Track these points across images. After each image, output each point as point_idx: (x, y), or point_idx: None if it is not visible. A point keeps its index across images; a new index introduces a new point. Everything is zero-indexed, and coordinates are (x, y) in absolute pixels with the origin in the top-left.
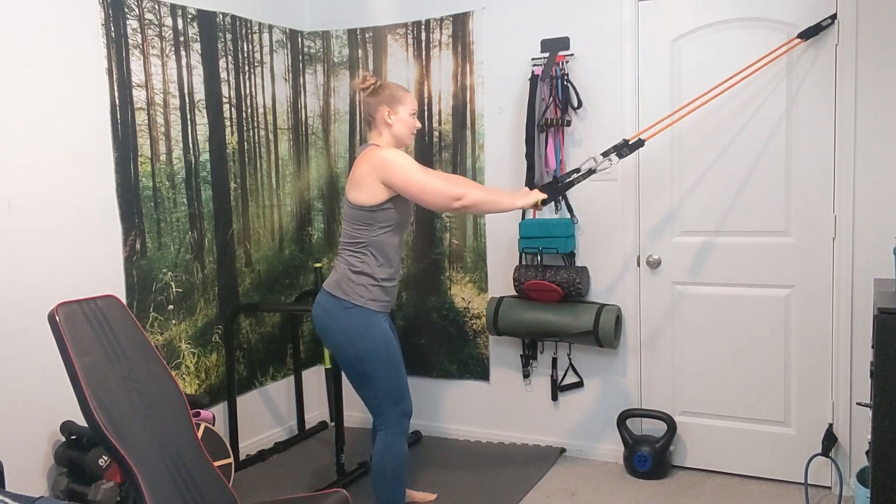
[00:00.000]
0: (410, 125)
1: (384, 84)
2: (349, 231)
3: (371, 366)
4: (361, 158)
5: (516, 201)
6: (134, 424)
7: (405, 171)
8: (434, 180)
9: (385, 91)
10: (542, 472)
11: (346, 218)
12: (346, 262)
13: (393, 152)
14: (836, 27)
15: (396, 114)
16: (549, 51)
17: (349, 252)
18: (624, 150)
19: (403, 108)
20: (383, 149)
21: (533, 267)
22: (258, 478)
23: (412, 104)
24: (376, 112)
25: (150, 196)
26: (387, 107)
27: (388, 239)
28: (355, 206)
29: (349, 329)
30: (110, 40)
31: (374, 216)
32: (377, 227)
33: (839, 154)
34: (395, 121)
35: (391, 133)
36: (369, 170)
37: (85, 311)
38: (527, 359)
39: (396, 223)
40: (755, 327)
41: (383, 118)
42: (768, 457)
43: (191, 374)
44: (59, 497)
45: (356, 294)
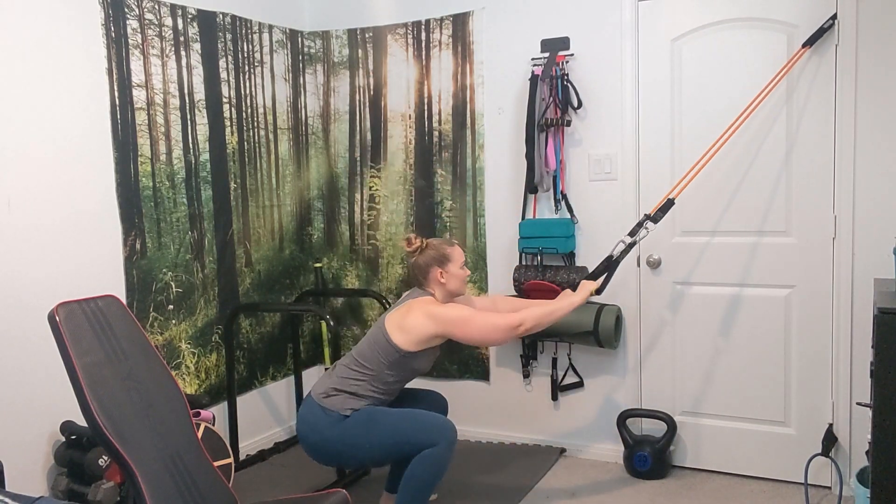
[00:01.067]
0: (462, 277)
1: (430, 244)
2: (366, 354)
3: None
4: (419, 307)
5: (574, 300)
6: (134, 424)
7: (471, 324)
8: (493, 320)
9: (432, 251)
10: (542, 472)
11: (373, 343)
12: (341, 379)
13: (456, 310)
14: (836, 27)
15: (448, 272)
16: (549, 51)
17: (352, 371)
18: (658, 214)
19: (453, 264)
20: (445, 307)
21: (533, 267)
22: (258, 478)
23: (460, 257)
24: (428, 272)
25: (150, 196)
26: (438, 267)
27: (394, 382)
28: (392, 345)
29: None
30: (110, 40)
31: (402, 360)
32: (395, 370)
33: (839, 154)
34: (448, 278)
35: (445, 290)
36: (429, 324)
37: (85, 311)
38: (527, 359)
39: (414, 372)
40: (755, 327)
41: (437, 278)
42: (768, 457)
43: (191, 374)
44: (59, 497)
45: (342, 406)
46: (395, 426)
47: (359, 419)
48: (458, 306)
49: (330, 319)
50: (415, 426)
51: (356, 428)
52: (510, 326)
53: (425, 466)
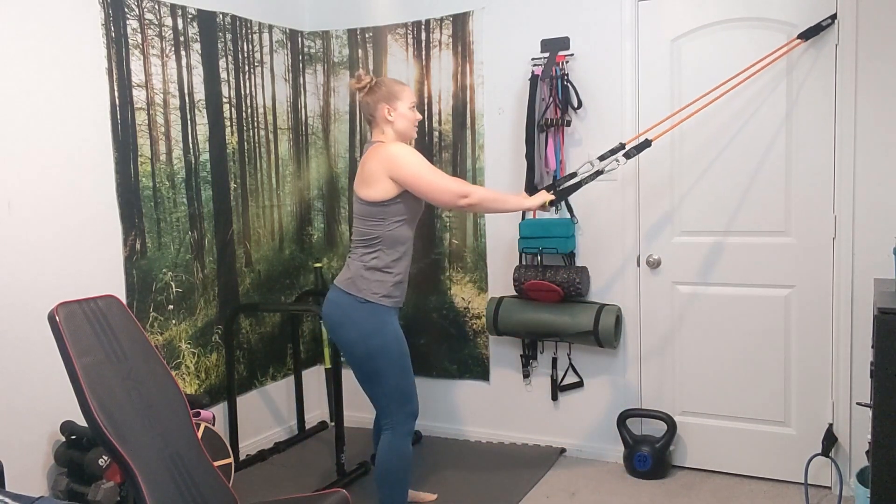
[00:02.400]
0: (412, 118)
1: (380, 81)
2: (361, 228)
3: (382, 364)
4: (369, 156)
5: (524, 202)
6: (134, 424)
7: (413, 167)
8: (442, 177)
9: (381, 88)
10: (542, 472)
11: (358, 214)
12: (360, 258)
13: (401, 147)
14: (836, 27)
15: (396, 110)
16: (549, 51)
17: (362, 249)
18: (631, 150)
19: (402, 102)
20: (390, 144)
21: (533, 267)
22: (258, 478)
23: (410, 97)
24: (376, 111)
25: (150, 196)
26: (385, 104)
27: (401, 232)
28: (366, 202)
29: (362, 325)
30: (110, 40)
31: (386, 210)
32: (390, 220)
33: (839, 154)
34: (396, 117)
35: (394, 129)
36: (378, 166)
37: (85, 311)
38: (527, 359)
39: (408, 216)
40: (755, 327)
41: (384, 116)
42: (768, 457)
43: (191, 374)
44: (59, 497)
45: (370, 290)
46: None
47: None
48: (411, 149)
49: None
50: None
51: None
52: (457, 193)
53: (390, 457)
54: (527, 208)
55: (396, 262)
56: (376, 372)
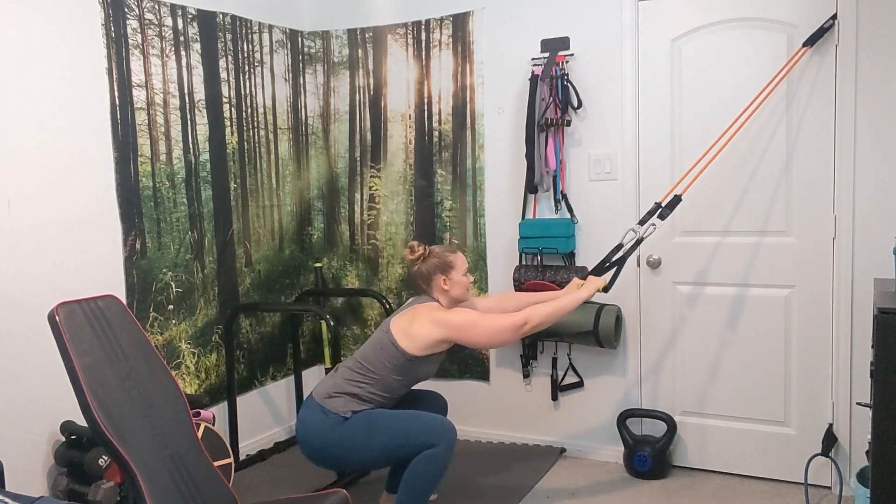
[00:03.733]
0: (466, 284)
1: (432, 252)
2: (371, 358)
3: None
4: (424, 312)
5: (580, 295)
6: (134, 424)
7: (476, 328)
8: (499, 322)
9: (434, 259)
10: (542, 472)
11: (379, 347)
12: (345, 381)
13: (461, 315)
14: (836, 27)
15: (451, 279)
16: (549, 51)
17: (357, 374)
18: (664, 210)
19: (456, 271)
20: (450, 313)
21: (533, 267)
22: (258, 478)
23: (463, 264)
24: (432, 280)
25: (150, 196)
26: (441, 275)
27: (397, 386)
28: (398, 349)
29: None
30: (110, 40)
31: (409, 365)
32: (401, 374)
33: (839, 154)
34: (451, 285)
35: (449, 296)
36: (436, 329)
37: (85, 311)
38: (527, 359)
39: (420, 377)
40: (755, 327)
41: (440, 286)
42: (768, 457)
43: (191, 374)
44: (59, 497)
45: (344, 408)
46: (395, 428)
47: (359, 422)
48: (464, 311)
49: (330, 319)
50: (415, 427)
51: (356, 430)
52: (515, 327)
53: (425, 466)
54: (585, 299)
55: (379, 397)
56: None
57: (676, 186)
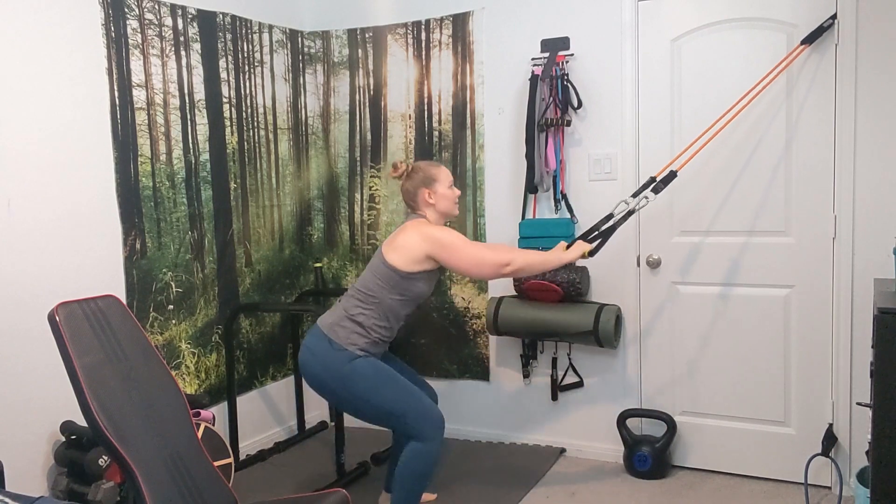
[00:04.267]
0: (452, 197)
1: (415, 167)
2: (369, 283)
3: (378, 399)
4: (412, 227)
5: (563, 256)
6: (134, 424)
7: (459, 251)
8: (483, 252)
9: (419, 173)
10: (542, 472)
11: (373, 270)
12: (350, 307)
13: (447, 233)
14: (836, 27)
15: (436, 192)
16: (549, 51)
17: (356, 298)
18: (658, 185)
19: (440, 184)
20: (436, 228)
21: None
22: (258, 478)
23: (448, 177)
24: (417, 196)
25: (150, 196)
26: (425, 188)
27: (400, 307)
28: (389, 266)
29: (340, 373)
30: (110, 40)
31: (402, 282)
32: (396, 291)
33: (839, 154)
34: (437, 199)
35: (436, 210)
36: (420, 242)
37: (85, 311)
38: (527, 359)
39: (414, 296)
40: (755, 327)
41: (425, 200)
42: (768, 457)
43: (191, 374)
44: (59, 497)
45: (349, 341)
46: (399, 398)
47: (366, 370)
48: (452, 231)
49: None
50: (414, 408)
51: (360, 377)
52: (499, 263)
53: (418, 462)
54: (568, 261)
55: (383, 328)
56: (379, 408)
57: (673, 163)
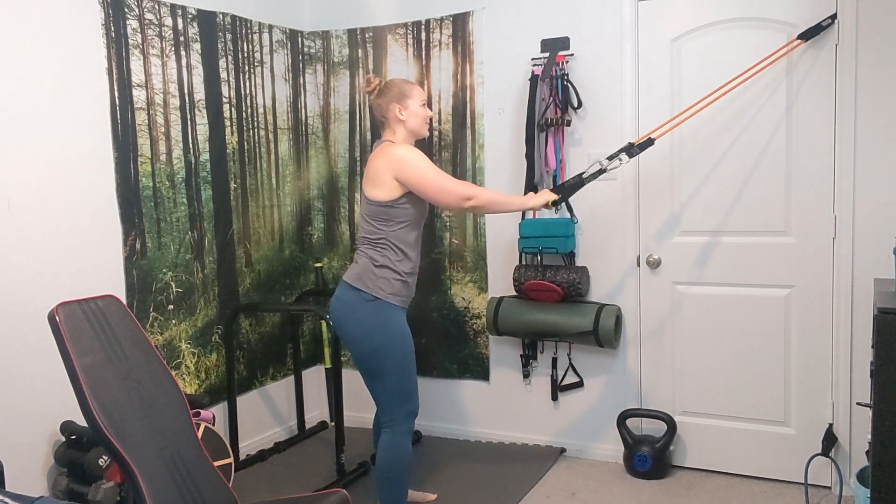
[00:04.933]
0: (423, 116)
1: (389, 82)
2: (367, 227)
3: (385, 361)
4: (376, 154)
5: (528, 201)
6: (134, 424)
7: (419, 169)
8: (447, 180)
9: (392, 89)
10: (542, 472)
11: (364, 214)
12: (367, 255)
13: (407, 149)
14: (836, 27)
15: (407, 108)
16: (549, 51)
17: (369, 246)
18: (634, 149)
19: (412, 101)
20: (398, 145)
21: (533, 267)
22: (258, 478)
23: (420, 95)
24: (387, 111)
25: (150, 196)
26: (396, 104)
27: (405, 234)
28: (373, 202)
29: (368, 322)
30: (110, 40)
31: (391, 212)
32: (394, 222)
33: (839, 154)
34: (408, 115)
35: (406, 128)
36: (385, 165)
37: (85, 311)
38: (527, 359)
39: (413, 219)
40: (755, 327)
41: (395, 116)
42: (768, 457)
43: (191, 374)
44: (59, 497)
45: (377, 287)
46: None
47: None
48: (416, 150)
49: (330, 319)
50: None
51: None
52: (462, 195)
53: (390, 455)
54: (530, 207)
55: (402, 262)
56: (380, 369)
57: (653, 132)
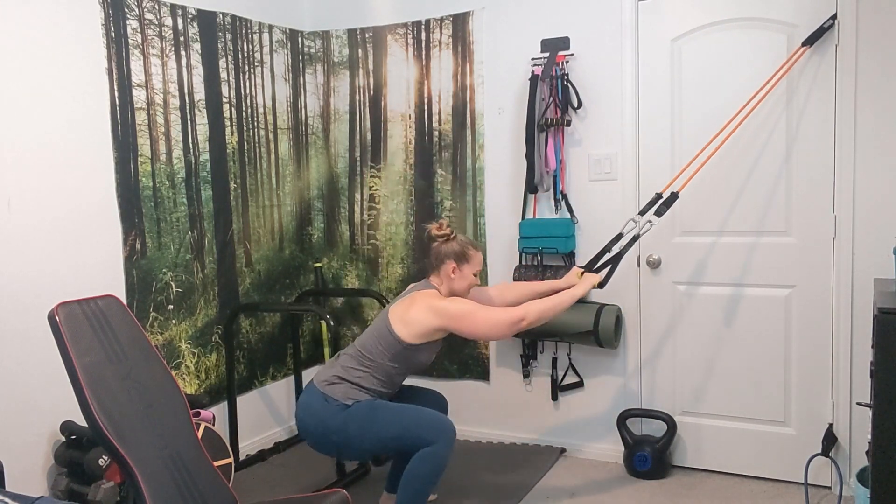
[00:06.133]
0: (471, 283)
1: (459, 239)
2: (369, 345)
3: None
4: (421, 299)
5: (576, 293)
6: (134, 424)
7: (474, 318)
8: (497, 314)
9: (456, 246)
10: (542, 472)
11: (376, 334)
12: (345, 368)
13: (459, 304)
14: (837, 27)
15: (461, 272)
16: (549, 51)
17: (355, 361)
18: (661, 207)
19: (469, 267)
20: (447, 301)
21: (533, 267)
22: (258, 478)
23: (478, 264)
24: (443, 263)
25: (150, 196)
26: (454, 262)
27: (395, 374)
28: (393, 336)
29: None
30: (110, 40)
31: (403, 352)
32: (396, 360)
33: (839, 154)
34: (458, 277)
35: (451, 286)
36: (432, 317)
37: (85, 311)
38: (527, 359)
39: (416, 366)
40: (755, 327)
41: (448, 272)
42: (768, 457)
43: (191, 374)
44: (59, 497)
45: (345, 396)
46: (395, 420)
47: (360, 411)
48: (461, 300)
49: (330, 319)
50: (415, 422)
51: (357, 419)
52: (512, 321)
53: (424, 465)
54: (580, 296)
55: (378, 388)
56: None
57: (673, 183)
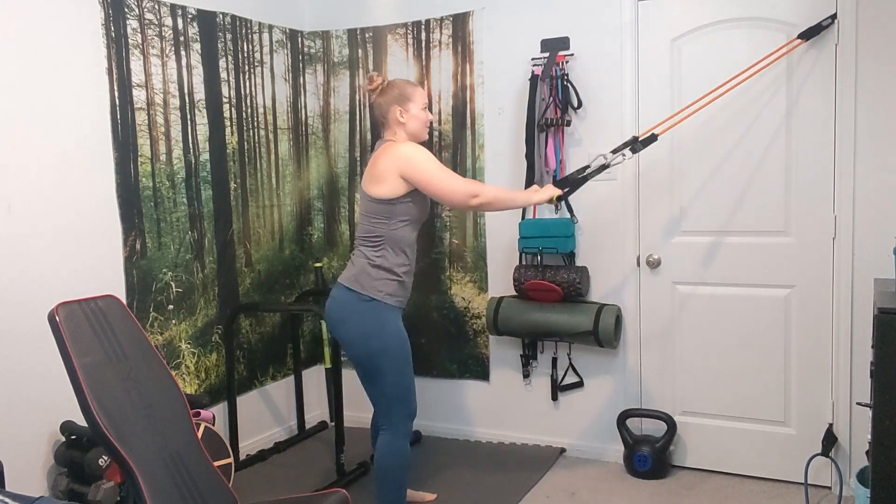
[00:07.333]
0: (423, 120)
1: (392, 83)
2: (367, 225)
3: (383, 363)
4: (381, 153)
5: (532, 197)
6: (134, 424)
7: (425, 166)
8: (453, 178)
9: (394, 90)
10: (542, 472)
11: (364, 212)
12: (364, 255)
13: (413, 147)
14: (836, 27)
15: (408, 111)
16: (549, 51)
17: (367, 246)
18: (637, 145)
19: (414, 104)
20: (403, 143)
21: (533, 267)
22: (258, 478)
23: (422, 98)
24: (388, 112)
25: (150, 196)
26: (398, 106)
27: (405, 234)
28: (374, 200)
29: (364, 324)
30: (110, 40)
31: (393, 209)
32: (395, 220)
33: (839, 154)
34: (408, 118)
35: (405, 130)
36: (390, 163)
37: (85, 311)
38: (527, 359)
39: (414, 217)
40: (755, 327)
41: (395, 118)
42: (768, 457)
43: (191, 374)
44: (59, 497)
45: (374, 288)
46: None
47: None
48: (421, 149)
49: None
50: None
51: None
52: (468, 193)
53: (389, 460)
54: (536, 202)
55: (400, 262)
56: (377, 372)
57: (657, 127)
